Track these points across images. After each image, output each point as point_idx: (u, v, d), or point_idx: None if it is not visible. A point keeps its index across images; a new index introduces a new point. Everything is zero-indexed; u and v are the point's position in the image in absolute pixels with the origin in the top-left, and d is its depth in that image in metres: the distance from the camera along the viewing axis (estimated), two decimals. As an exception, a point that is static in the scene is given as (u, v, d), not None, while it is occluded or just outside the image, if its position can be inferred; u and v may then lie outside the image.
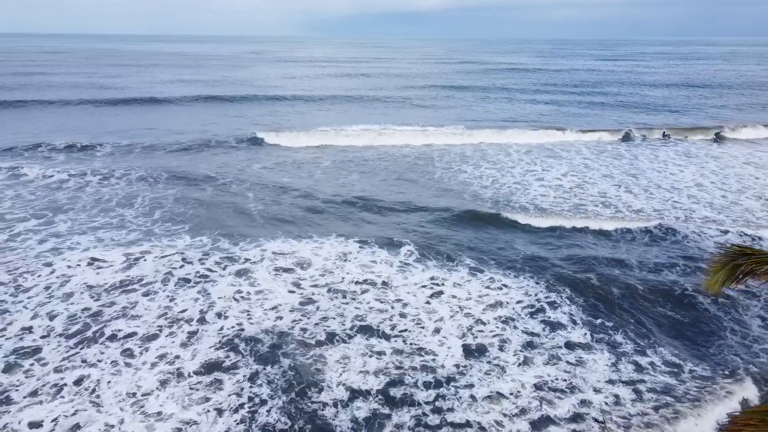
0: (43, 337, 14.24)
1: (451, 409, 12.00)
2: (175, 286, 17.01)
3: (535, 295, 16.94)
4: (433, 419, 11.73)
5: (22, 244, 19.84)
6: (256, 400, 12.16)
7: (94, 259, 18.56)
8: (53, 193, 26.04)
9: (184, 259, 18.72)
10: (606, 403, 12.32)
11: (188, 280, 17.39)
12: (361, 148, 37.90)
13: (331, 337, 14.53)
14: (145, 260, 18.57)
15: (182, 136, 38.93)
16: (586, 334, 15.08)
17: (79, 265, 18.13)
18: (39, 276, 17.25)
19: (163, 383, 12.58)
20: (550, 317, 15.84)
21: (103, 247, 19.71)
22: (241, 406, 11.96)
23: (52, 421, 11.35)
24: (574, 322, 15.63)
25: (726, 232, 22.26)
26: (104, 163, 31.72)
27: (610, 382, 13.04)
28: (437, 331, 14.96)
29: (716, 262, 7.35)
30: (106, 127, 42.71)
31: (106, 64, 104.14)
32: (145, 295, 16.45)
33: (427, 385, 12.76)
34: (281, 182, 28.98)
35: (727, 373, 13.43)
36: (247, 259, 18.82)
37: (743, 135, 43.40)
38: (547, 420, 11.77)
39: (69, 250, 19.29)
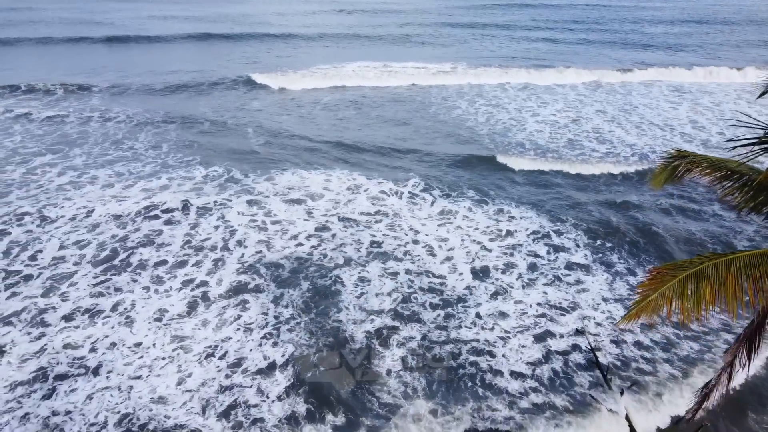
0: (75, 264, 15.13)
1: (458, 327, 13.16)
2: (196, 215, 17.82)
3: (540, 223, 17.94)
4: (439, 335, 12.88)
5: (42, 177, 20.43)
6: (281, 318, 13.23)
7: (115, 193, 19.24)
8: (60, 128, 26.31)
9: (201, 190, 19.44)
10: (601, 318, 13.57)
11: (208, 209, 18.20)
12: (359, 86, 37.82)
13: (348, 261, 15.55)
14: (164, 191, 19.27)
15: (177, 76, 38.51)
16: (586, 255, 16.24)
17: (101, 197, 18.83)
18: (62, 208, 17.96)
19: (193, 305, 13.60)
20: (554, 242, 16.94)
21: (124, 180, 20.37)
22: (267, 324, 13.03)
23: (91, 343, 12.33)
24: (578, 245, 16.78)
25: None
26: (102, 101, 31.74)
27: (605, 300, 14.24)
28: (448, 258, 15.98)
29: (661, 164, 8.79)
30: (100, 65, 42.17)
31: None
32: (168, 223, 17.28)
33: (434, 306, 13.88)
34: (280, 121, 29.23)
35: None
36: (260, 192, 19.56)
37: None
38: (548, 334, 12.97)
39: (89, 184, 19.94)
